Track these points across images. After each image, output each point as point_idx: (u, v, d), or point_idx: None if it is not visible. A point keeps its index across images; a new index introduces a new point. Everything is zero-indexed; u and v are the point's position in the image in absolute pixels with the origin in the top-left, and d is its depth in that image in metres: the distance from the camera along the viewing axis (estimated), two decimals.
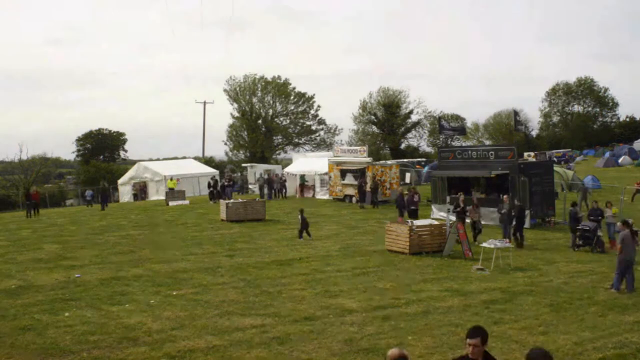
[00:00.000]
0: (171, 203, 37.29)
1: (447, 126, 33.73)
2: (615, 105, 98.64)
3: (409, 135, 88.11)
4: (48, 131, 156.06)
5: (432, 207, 28.93)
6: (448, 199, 22.95)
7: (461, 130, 34.34)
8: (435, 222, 20.92)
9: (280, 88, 79.22)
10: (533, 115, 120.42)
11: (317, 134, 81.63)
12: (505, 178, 25.28)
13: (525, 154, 63.69)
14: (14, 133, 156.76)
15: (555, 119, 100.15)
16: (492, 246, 17.37)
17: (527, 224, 24.52)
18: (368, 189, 33.35)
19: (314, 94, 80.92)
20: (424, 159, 64.51)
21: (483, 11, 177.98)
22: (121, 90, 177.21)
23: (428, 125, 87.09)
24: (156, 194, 45.35)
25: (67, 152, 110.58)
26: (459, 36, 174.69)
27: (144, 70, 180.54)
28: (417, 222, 20.21)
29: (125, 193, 48.54)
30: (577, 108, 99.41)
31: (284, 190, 40.66)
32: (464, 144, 72.22)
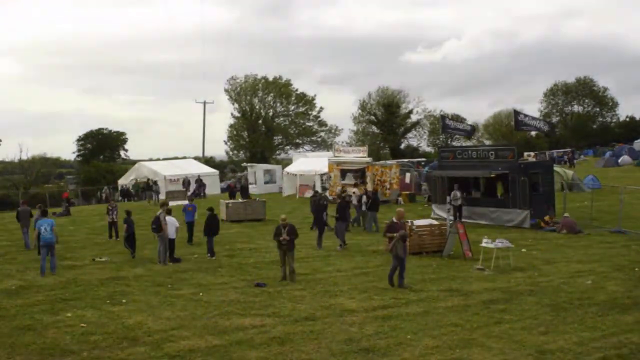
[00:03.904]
0: (171, 203, 37.21)
1: (452, 125, 33.70)
2: (615, 105, 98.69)
3: (409, 135, 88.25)
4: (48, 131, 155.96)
5: (432, 206, 28.93)
6: (448, 199, 22.96)
7: (469, 132, 34.18)
8: (435, 222, 20.92)
9: (281, 89, 79.32)
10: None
11: (317, 135, 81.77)
12: (505, 178, 25.29)
13: (525, 153, 63.72)
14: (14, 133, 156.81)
15: (555, 119, 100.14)
16: (492, 246, 17.36)
17: (527, 224, 24.61)
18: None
19: (314, 95, 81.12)
20: (424, 159, 64.56)
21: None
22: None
23: (428, 125, 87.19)
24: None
25: (67, 152, 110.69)
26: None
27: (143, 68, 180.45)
28: (417, 222, 20.20)
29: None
30: (576, 108, 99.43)
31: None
32: (464, 144, 72.31)
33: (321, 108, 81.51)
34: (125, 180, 50.11)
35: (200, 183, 44.73)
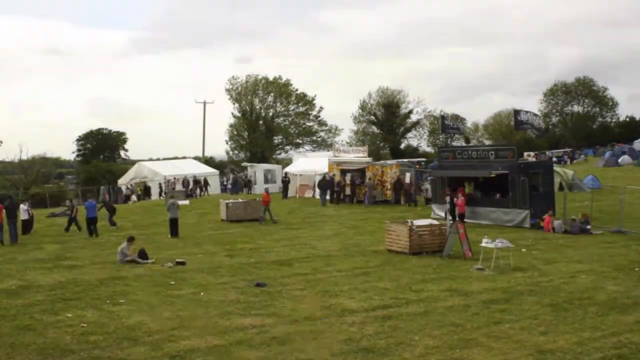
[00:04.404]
0: None
1: (450, 125, 33.73)
2: (615, 105, 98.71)
3: (409, 135, 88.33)
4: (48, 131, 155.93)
5: (432, 206, 28.94)
6: (448, 198, 22.97)
7: (461, 130, 34.56)
8: (435, 222, 20.92)
9: (281, 89, 79.39)
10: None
11: (317, 135, 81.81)
12: (505, 178, 25.30)
13: (525, 153, 63.76)
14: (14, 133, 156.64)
15: (555, 119, 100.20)
16: (492, 246, 17.37)
17: (527, 224, 24.63)
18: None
19: (315, 95, 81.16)
20: (424, 159, 64.60)
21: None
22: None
23: (428, 125, 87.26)
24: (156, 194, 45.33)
25: (67, 152, 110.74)
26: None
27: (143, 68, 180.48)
28: (417, 222, 20.21)
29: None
30: (576, 108, 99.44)
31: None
32: (464, 144, 72.28)
33: (321, 108, 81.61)
34: (124, 180, 50.14)
35: (194, 184, 44.66)
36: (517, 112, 30.35)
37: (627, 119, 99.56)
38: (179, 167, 50.01)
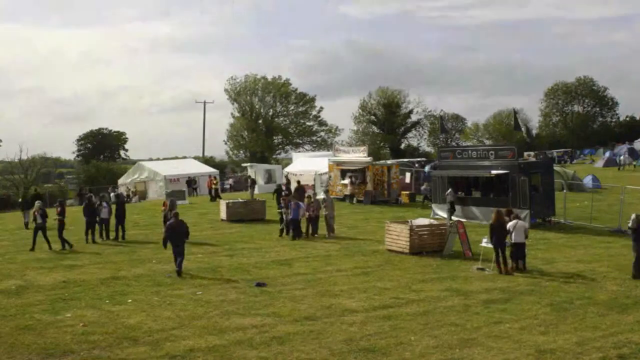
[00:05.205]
0: None
1: (449, 126, 33.84)
2: (615, 104, 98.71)
3: (409, 135, 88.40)
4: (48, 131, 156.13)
5: (432, 206, 28.93)
6: (449, 197, 22.98)
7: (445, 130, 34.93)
8: (435, 222, 20.92)
9: (280, 89, 79.44)
10: (532, 115, 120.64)
11: (317, 135, 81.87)
12: (505, 178, 25.28)
13: (525, 153, 63.71)
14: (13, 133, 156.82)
15: (555, 118, 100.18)
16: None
17: (526, 224, 24.54)
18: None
19: (315, 95, 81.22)
20: (424, 159, 64.62)
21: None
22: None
23: (428, 125, 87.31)
24: (155, 194, 45.32)
25: (68, 152, 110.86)
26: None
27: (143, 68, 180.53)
28: (417, 222, 20.21)
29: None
30: (577, 108, 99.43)
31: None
32: (463, 144, 72.31)
33: (321, 107, 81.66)
34: (125, 180, 50.15)
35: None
36: (517, 112, 30.38)
37: (628, 119, 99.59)
38: (179, 167, 50.00)
